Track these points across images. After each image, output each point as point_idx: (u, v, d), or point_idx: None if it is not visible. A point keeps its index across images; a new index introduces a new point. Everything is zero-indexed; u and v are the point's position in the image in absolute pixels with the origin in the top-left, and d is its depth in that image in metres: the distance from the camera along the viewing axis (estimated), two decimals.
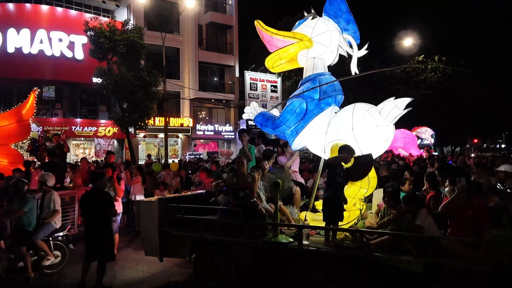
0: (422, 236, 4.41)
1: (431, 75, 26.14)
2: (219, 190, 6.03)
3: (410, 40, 23.71)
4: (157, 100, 19.28)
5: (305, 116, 5.51)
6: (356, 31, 5.82)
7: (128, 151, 20.32)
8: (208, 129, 27.18)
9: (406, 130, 16.17)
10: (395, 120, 5.09)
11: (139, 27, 18.90)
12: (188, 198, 6.78)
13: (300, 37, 5.63)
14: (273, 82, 28.19)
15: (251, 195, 5.44)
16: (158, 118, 23.42)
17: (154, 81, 18.42)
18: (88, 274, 5.35)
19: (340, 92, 5.75)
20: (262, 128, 5.93)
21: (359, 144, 5.09)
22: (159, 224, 5.81)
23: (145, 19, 23.96)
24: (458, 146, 35.36)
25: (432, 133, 21.58)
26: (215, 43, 28.99)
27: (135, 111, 17.96)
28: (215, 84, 28.93)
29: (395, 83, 25.95)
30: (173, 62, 26.65)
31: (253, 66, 27.25)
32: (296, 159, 7.29)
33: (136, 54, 18.03)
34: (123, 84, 16.93)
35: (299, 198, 6.45)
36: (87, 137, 22.56)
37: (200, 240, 5.57)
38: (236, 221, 5.33)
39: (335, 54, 5.86)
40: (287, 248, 4.96)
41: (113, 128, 21.62)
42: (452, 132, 30.54)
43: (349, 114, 5.18)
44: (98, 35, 17.15)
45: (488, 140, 40.05)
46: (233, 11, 28.77)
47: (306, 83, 5.72)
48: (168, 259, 6.35)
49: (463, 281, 4.04)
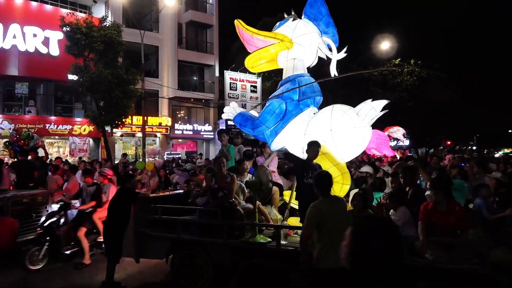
0: None
1: (407, 78, 26.73)
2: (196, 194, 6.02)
3: (387, 44, 24.19)
4: (135, 99, 18.96)
5: (285, 117, 5.55)
6: (335, 35, 5.92)
7: (104, 150, 19.89)
8: (187, 129, 26.94)
9: (379, 131, 16.34)
10: (372, 122, 5.19)
11: (117, 24, 18.54)
12: (166, 198, 6.70)
13: (281, 37, 5.66)
14: (253, 83, 28.21)
15: (229, 195, 5.43)
16: (136, 117, 23.05)
17: (132, 79, 18.12)
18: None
19: (319, 94, 5.81)
20: (241, 128, 5.93)
21: (337, 145, 5.16)
22: (135, 225, 5.73)
23: (123, 16, 23.52)
24: (432, 148, 36.30)
25: (403, 132, 21.98)
26: (195, 42, 28.77)
27: (112, 110, 17.60)
28: (194, 83, 28.72)
29: (373, 85, 26.42)
30: (152, 61, 26.29)
31: (233, 66, 27.19)
32: (274, 159, 7.32)
33: (113, 51, 17.68)
34: (100, 82, 16.56)
35: (277, 198, 6.47)
36: (61, 135, 21.97)
37: (177, 240, 5.52)
38: (215, 221, 5.31)
39: (314, 56, 5.94)
40: (265, 248, 4.98)
41: (89, 126, 21.14)
42: (426, 134, 31.33)
43: (327, 115, 5.25)
44: (74, 31, 16.71)
45: (460, 142, 41.24)
46: (214, 10, 28.63)
47: (286, 84, 5.75)
48: (144, 260, 6.25)
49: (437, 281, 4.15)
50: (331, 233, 3.57)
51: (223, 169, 5.75)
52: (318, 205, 3.74)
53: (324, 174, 3.99)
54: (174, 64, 26.13)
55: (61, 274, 6.34)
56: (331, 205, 3.73)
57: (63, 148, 22.94)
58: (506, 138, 55.46)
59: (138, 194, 5.99)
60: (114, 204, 5.62)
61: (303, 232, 3.89)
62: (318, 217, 3.66)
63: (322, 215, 3.65)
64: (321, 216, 3.65)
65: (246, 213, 5.56)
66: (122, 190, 5.75)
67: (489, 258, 3.91)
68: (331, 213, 3.65)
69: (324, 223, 3.64)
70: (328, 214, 3.64)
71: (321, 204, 3.74)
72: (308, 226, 3.74)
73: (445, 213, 4.24)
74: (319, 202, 3.78)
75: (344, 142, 5.16)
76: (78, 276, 6.27)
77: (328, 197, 3.82)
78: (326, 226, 3.63)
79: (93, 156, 22.32)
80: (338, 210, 3.72)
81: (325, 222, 3.64)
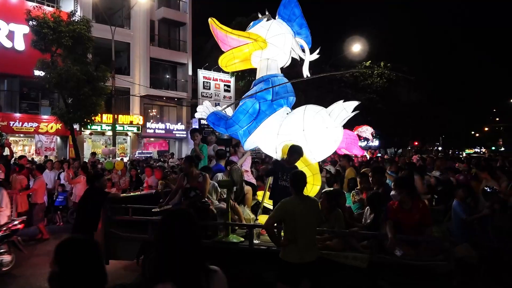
0: (368, 234, 4.63)
1: (377, 80, 27.41)
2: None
3: (358, 46, 24.71)
4: (105, 96, 18.47)
5: (258, 117, 5.56)
6: (308, 36, 5.99)
7: (72, 149, 19.28)
8: (159, 128, 26.52)
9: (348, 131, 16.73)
10: (344, 122, 5.29)
11: (87, 19, 18.00)
12: (137, 198, 6.59)
13: (255, 37, 5.67)
14: (227, 82, 28.11)
15: (202, 195, 5.40)
16: (106, 115, 22.49)
17: (102, 76, 17.61)
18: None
19: (292, 94, 5.87)
20: (214, 127, 5.91)
21: (309, 145, 5.22)
22: (105, 226, 5.60)
23: (93, 11, 22.87)
24: (401, 148, 37.41)
25: (372, 131, 22.51)
26: (167, 40, 28.37)
27: (80, 107, 17.06)
28: (167, 81, 28.31)
29: (344, 87, 26.92)
30: (123, 58, 25.71)
31: (207, 64, 27.01)
32: (247, 159, 7.33)
33: (83, 47, 17.15)
34: (68, 78, 16.02)
35: (250, 198, 6.50)
36: (27, 133, 21.12)
37: (149, 241, 5.44)
38: None
39: (288, 56, 5.99)
40: (238, 248, 4.98)
41: (56, 124, 20.44)
42: (395, 135, 32.27)
43: (300, 116, 5.30)
44: (41, 25, 16.09)
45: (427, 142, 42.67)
46: (187, 8, 28.32)
47: (259, 84, 5.77)
48: (114, 261, 6.12)
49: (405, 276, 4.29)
50: (295, 230, 3.74)
51: (194, 169, 5.70)
52: (286, 203, 3.90)
53: (299, 173, 4.09)
54: (146, 62, 25.66)
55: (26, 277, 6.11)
56: (300, 203, 3.84)
57: (29, 147, 22.05)
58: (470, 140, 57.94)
59: (108, 194, 5.86)
60: (83, 204, 5.47)
61: (266, 221, 4.08)
62: (283, 213, 3.84)
63: (288, 212, 3.80)
64: (286, 213, 3.81)
65: (219, 212, 5.55)
66: (90, 189, 5.61)
67: (453, 254, 4.07)
68: (299, 212, 3.77)
69: (290, 220, 3.78)
70: (295, 212, 3.77)
71: (289, 202, 3.89)
72: (271, 218, 3.98)
73: (409, 211, 4.44)
74: (288, 200, 3.92)
75: (316, 142, 5.23)
76: (43, 278, 6.06)
77: (299, 196, 3.92)
78: (291, 223, 3.78)
79: (61, 155, 21.60)
80: (307, 209, 3.82)
81: (291, 219, 3.78)
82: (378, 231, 4.55)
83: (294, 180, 3.96)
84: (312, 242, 3.85)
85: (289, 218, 3.79)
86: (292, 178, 4.02)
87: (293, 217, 3.76)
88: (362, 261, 4.30)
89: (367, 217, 5.02)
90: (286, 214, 3.81)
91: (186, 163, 5.76)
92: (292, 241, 3.76)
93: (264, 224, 4.19)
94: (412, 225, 4.39)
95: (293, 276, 3.75)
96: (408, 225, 4.40)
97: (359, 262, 4.31)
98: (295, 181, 3.95)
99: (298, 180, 3.94)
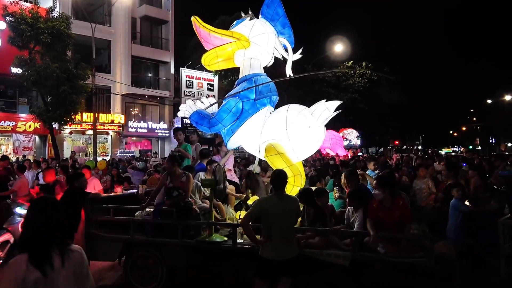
0: (349, 232, 4.69)
1: (358, 80, 27.77)
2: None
3: (341, 46, 24.98)
4: (85, 95, 18.14)
5: (241, 116, 5.57)
6: (291, 36, 6.01)
7: (51, 149, 18.86)
8: (141, 127, 26.21)
9: (334, 131, 17.13)
10: (326, 122, 5.33)
11: (66, 16, 17.63)
12: (119, 198, 6.50)
13: (238, 36, 5.66)
14: (210, 81, 28.00)
15: (185, 195, 5.37)
16: (87, 114, 22.09)
17: (82, 74, 17.27)
18: None
19: (275, 93, 5.88)
20: (197, 126, 5.87)
21: (292, 144, 5.25)
22: (85, 226, 5.51)
23: (72, 8, 22.42)
24: (382, 147, 38.02)
25: (357, 135, 23.02)
26: (149, 38, 28.05)
27: (60, 105, 16.71)
28: (149, 80, 27.99)
29: (326, 86, 27.17)
30: (104, 55, 25.30)
31: (189, 63, 26.83)
32: (230, 158, 7.33)
33: (62, 44, 16.78)
34: (47, 76, 15.65)
35: (233, 197, 6.50)
36: (4, 132, 20.57)
37: (130, 242, 5.38)
38: (169, 221, 5.23)
39: (271, 56, 6.00)
40: (221, 247, 4.98)
41: (35, 123, 19.96)
42: (376, 134, 32.79)
43: (283, 115, 5.32)
44: (18, 21, 15.68)
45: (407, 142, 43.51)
46: (169, 6, 28.05)
47: (242, 83, 5.77)
48: (95, 262, 6.04)
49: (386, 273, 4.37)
50: (271, 227, 3.84)
51: (177, 168, 5.66)
52: (262, 200, 4.06)
53: (280, 172, 4.18)
54: (128, 60, 25.30)
55: None
56: (278, 202, 3.91)
57: (6, 146, 21.49)
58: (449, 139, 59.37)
59: (88, 194, 5.76)
60: (62, 204, 5.36)
61: (242, 218, 4.17)
62: (259, 211, 3.94)
63: (264, 209, 3.89)
64: (262, 211, 3.90)
65: (203, 212, 5.53)
66: (70, 190, 5.51)
67: (432, 251, 4.17)
68: (276, 210, 3.85)
69: (267, 217, 3.88)
70: (271, 210, 3.86)
71: (266, 200, 4.07)
72: (248, 215, 4.09)
73: (390, 209, 4.55)
74: (266, 198, 4.10)
75: (299, 141, 5.26)
76: None
77: (278, 194, 3.99)
78: (268, 221, 3.87)
79: (39, 155, 21.12)
80: (284, 207, 3.89)
81: (267, 217, 3.87)
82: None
83: (274, 179, 4.07)
84: (289, 240, 3.91)
85: (265, 215, 3.87)
86: (272, 176, 4.14)
87: (269, 215, 3.85)
88: (345, 259, 4.36)
89: (350, 216, 5.07)
90: (262, 212, 3.90)
91: (169, 163, 5.71)
92: (269, 238, 3.84)
93: (241, 221, 4.28)
94: (393, 222, 4.49)
95: (271, 272, 3.83)
96: (389, 223, 4.49)
97: (342, 259, 4.36)
98: (274, 180, 4.06)
99: (277, 179, 4.04)
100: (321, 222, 4.71)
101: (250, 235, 4.02)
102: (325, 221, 4.76)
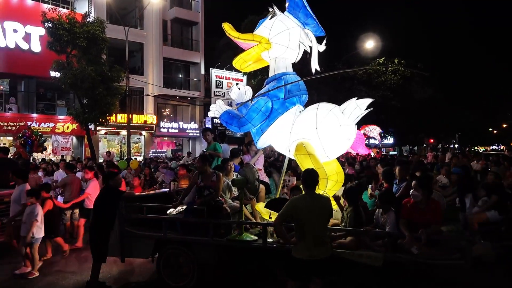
0: (382, 233, 4.58)
1: (391, 77, 27.09)
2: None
3: (372, 43, 24.44)
4: (119, 96, 18.70)
5: (271, 115, 5.54)
6: (316, 25, 5.83)
7: (88, 149, 19.58)
8: (173, 127, 26.74)
9: None
10: (357, 120, 5.23)
11: (101, 20, 18.24)
12: (151, 197, 6.65)
13: (258, 39, 5.59)
14: (239, 80, 28.12)
15: (216, 194, 5.42)
16: (121, 115, 22.76)
17: (116, 76, 17.84)
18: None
19: (304, 92, 5.82)
20: (227, 126, 5.90)
21: (322, 143, 5.18)
22: (120, 224, 5.67)
23: (107, 12, 23.19)
24: (416, 146, 36.90)
25: (380, 131, 22.13)
26: (180, 39, 28.55)
27: (95, 107, 17.34)
28: (180, 81, 28.50)
29: (357, 84, 26.67)
30: (136, 58, 25.99)
31: (219, 63, 27.07)
32: (260, 157, 7.32)
33: (97, 48, 17.40)
34: (83, 79, 16.28)
35: (263, 196, 6.48)
36: (44, 133, 21.42)
37: (163, 239, 5.49)
38: (200, 219, 5.29)
39: (297, 51, 5.84)
40: (252, 246, 4.99)
41: (72, 124, 20.80)
42: (410, 132, 31.81)
43: (313, 114, 5.26)
44: (56, 27, 16.38)
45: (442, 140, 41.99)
46: (199, 7, 28.45)
47: (271, 82, 5.74)
48: (130, 259, 6.20)
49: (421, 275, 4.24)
50: (304, 227, 3.81)
51: (208, 167, 5.73)
52: (295, 200, 4.00)
53: (311, 171, 4.14)
54: (159, 62, 25.88)
55: (44, 273, 6.24)
56: (310, 201, 3.89)
57: (46, 146, 22.50)
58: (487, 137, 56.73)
59: (123, 193, 5.92)
60: (98, 203, 5.55)
61: (275, 218, 4.12)
62: (292, 210, 3.90)
63: (297, 209, 3.86)
64: (295, 210, 3.87)
65: (233, 211, 5.56)
66: (106, 188, 5.68)
67: (470, 253, 4.00)
68: (308, 209, 3.82)
69: (299, 217, 3.85)
70: (304, 210, 3.83)
71: (299, 199, 3.99)
72: (280, 215, 4.01)
73: (424, 210, 4.49)
74: (298, 197, 4.04)
75: (329, 140, 5.18)
76: (61, 276, 6.17)
77: (309, 194, 3.97)
78: (300, 220, 3.84)
79: (77, 155, 21.97)
80: (316, 207, 3.87)
81: (299, 216, 3.84)
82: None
83: (306, 178, 4.04)
84: (321, 239, 3.87)
85: (298, 215, 3.85)
86: (303, 175, 4.11)
87: (301, 214, 3.82)
88: (377, 259, 4.26)
89: (379, 217, 4.96)
90: (294, 211, 3.87)
91: (200, 162, 5.79)
92: (301, 238, 3.82)
93: (273, 222, 4.25)
94: (424, 223, 4.41)
95: (302, 272, 3.80)
96: (420, 224, 4.41)
97: (374, 260, 4.27)
98: (306, 178, 4.03)
99: (309, 177, 4.01)
100: (356, 222, 4.63)
101: (282, 235, 4.01)
102: (361, 222, 4.68)
